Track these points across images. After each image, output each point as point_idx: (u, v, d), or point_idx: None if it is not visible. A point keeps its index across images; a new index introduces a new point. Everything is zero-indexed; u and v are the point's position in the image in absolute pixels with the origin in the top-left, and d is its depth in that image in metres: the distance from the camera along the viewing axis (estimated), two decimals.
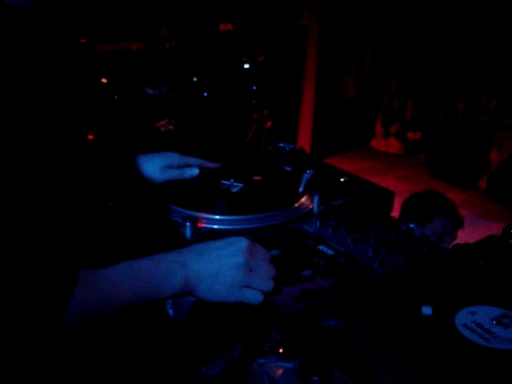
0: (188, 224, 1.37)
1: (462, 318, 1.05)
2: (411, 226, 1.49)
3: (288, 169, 1.75)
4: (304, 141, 6.63)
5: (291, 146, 1.89)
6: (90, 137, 1.77)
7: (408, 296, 1.11)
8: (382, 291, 1.12)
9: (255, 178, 1.66)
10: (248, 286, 1.10)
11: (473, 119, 6.98)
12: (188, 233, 1.37)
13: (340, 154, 7.33)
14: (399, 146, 7.81)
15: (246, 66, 5.39)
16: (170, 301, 1.32)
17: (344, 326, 1.03)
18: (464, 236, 3.08)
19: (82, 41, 4.21)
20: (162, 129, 2.15)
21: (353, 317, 1.05)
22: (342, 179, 1.74)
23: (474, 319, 1.04)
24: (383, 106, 8.12)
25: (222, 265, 1.11)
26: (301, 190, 1.57)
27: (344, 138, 7.50)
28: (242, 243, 1.14)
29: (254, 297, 1.10)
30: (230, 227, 1.43)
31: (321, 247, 1.32)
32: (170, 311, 1.34)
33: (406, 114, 7.94)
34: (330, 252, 1.30)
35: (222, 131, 3.97)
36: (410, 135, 7.82)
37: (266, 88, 5.41)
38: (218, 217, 1.44)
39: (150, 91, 2.67)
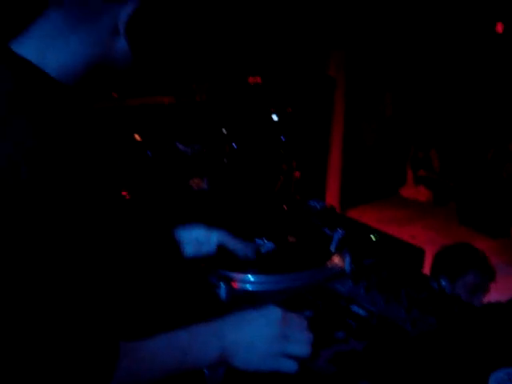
0: (223, 285, 1.40)
1: (498, 379, 1.06)
2: (442, 283, 1.51)
3: (323, 229, 1.78)
4: (332, 190, 6.67)
5: (322, 205, 1.93)
6: (124, 193, 1.82)
7: (440, 357, 1.13)
8: (414, 353, 1.14)
9: (289, 239, 1.70)
10: (284, 355, 1.13)
11: (501, 166, 6.98)
12: (223, 294, 1.40)
13: (369, 202, 7.35)
14: (428, 194, 7.81)
15: (275, 117, 5.47)
16: None
17: None
18: (496, 286, 3.07)
19: (114, 95, 4.33)
20: (195, 187, 2.20)
21: (386, 379, 1.07)
22: (372, 237, 1.77)
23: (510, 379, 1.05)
24: (411, 153, 8.16)
25: (257, 336, 1.14)
26: (333, 249, 1.60)
27: (373, 187, 7.52)
28: (276, 314, 1.17)
29: (289, 366, 1.12)
30: (264, 288, 1.46)
31: (353, 308, 1.34)
32: (206, 371, 1.37)
33: (433, 162, 7.97)
34: (362, 313, 1.32)
35: (252, 183, 4.03)
36: (438, 182, 7.85)
37: (294, 139, 5.48)
38: (251, 277, 1.48)
39: (182, 147, 2.74)
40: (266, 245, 1.65)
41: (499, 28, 7.02)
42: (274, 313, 1.17)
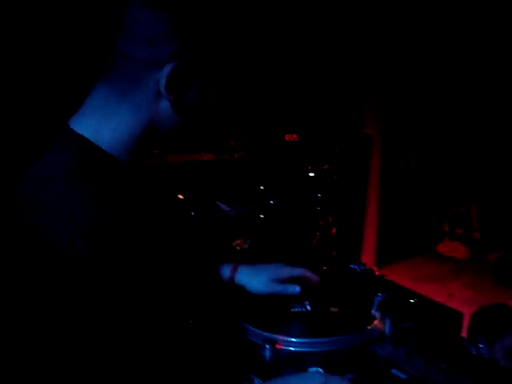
0: (268, 347, 1.46)
1: None
2: (480, 346, 1.55)
3: (364, 292, 1.84)
4: (369, 247, 6.67)
5: (362, 268, 1.98)
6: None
7: None
8: None
9: (332, 309, 1.75)
10: None
11: None
12: (267, 355, 1.46)
13: (406, 259, 7.33)
14: (465, 251, 7.76)
15: (311, 174, 5.54)
16: None
17: None
18: None
19: (156, 151, 4.45)
20: (238, 248, 2.27)
21: None
22: (411, 300, 1.81)
23: None
24: (452, 211, 8.13)
25: None
26: (373, 312, 1.66)
27: (409, 243, 7.50)
28: (318, 380, 1.23)
29: None
30: (306, 349, 1.52)
31: (394, 371, 1.39)
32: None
33: (472, 219, 7.93)
34: (402, 376, 1.37)
35: (289, 240, 4.08)
36: (476, 235, 7.79)
37: (330, 195, 5.53)
38: (294, 339, 1.54)
39: (224, 207, 2.82)
40: (309, 308, 1.72)
41: None
42: (316, 378, 1.23)
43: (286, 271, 1.73)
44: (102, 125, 1.19)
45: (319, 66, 5.95)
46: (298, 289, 1.70)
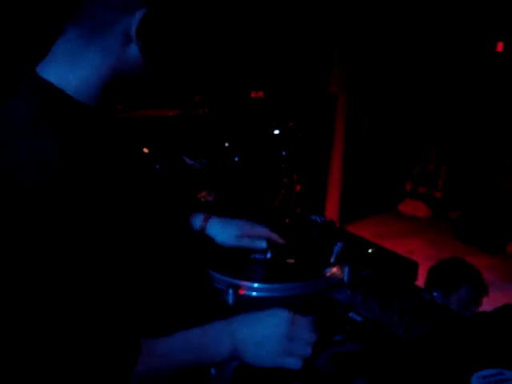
0: (231, 291, 1.51)
1: (479, 378, 1.18)
2: (434, 294, 1.63)
3: (323, 242, 1.90)
4: (332, 205, 6.77)
5: (322, 219, 2.04)
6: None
7: (429, 359, 1.24)
8: (405, 355, 1.26)
9: (289, 261, 1.81)
10: (290, 353, 1.24)
11: (498, 183, 7.10)
12: (230, 299, 1.52)
13: (368, 216, 7.45)
14: (427, 211, 7.90)
15: (276, 131, 5.57)
16: None
17: None
18: (491, 301, 3.18)
19: (118, 107, 4.43)
20: (203, 199, 2.32)
21: (380, 378, 1.19)
22: (369, 250, 1.88)
23: (489, 381, 1.17)
24: (415, 170, 8.23)
25: (266, 335, 1.25)
26: (332, 260, 1.72)
27: (372, 202, 7.63)
28: (284, 315, 1.28)
29: (294, 363, 1.23)
30: (268, 294, 1.58)
31: (351, 314, 1.46)
32: (212, 370, 1.47)
33: (439, 179, 8.05)
34: (359, 319, 1.44)
35: (254, 196, 4.13)
36: (438, 194, 7.94)
37: (295, 153, 5.57)
38: (256, 285, 1.59)
39: (189, 161, 2.85)
40: (270, 255, 1.77)
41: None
42: (282, 314, 1.29)
43: (255, 230, 1.78)
44: (69, 69, 1.20)
45: (287, 23, 5.94)
46: (264, 244, 1.75)
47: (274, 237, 1.79)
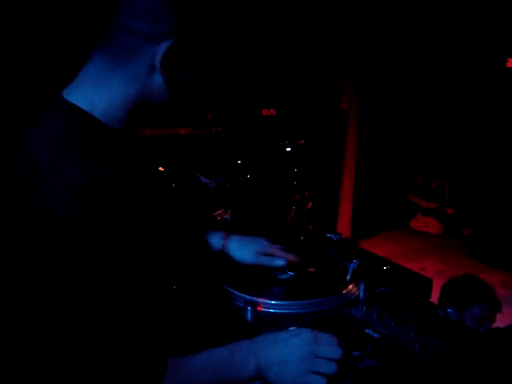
0: (249, 308, 1.55)
1: None
2: (449, 310, 1.66)
3: (339, 259, 1.93)
4: (344, 220, 6.80)
5: (338, 237, 2.08)
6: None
7: (444, 374, 1.27)
8: (421, 370, 1.29)
9: (310, 269, 1.85)
10: (314, 371, 1.27)
11: (509, 199, 7.09)
12: (249, 316, 1.55)
13: (380, 233, 7.46)
14: (438, 227, 7.90)
15: (288, 149, 5.62)
16: None
17: None
18: (506, 318, 3.19)
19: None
20: (219, 218, 2.36)
21: None
22: (384, 267, 1.92)
23: None
24: (419, 183, 8.23)
25: (290, 354, 1.28)
26: (348, 278, 1.75)
27: (384, 218, 7.64)
28: (307, 334, 1.31)
29: (318, 382, 1.26)
30: (286, 311, 1.61)
31: (367, 331, 1.49)
32: None
33: (445, 193, 8.06)
34: (375, 335, 1.47)
35: (266, 214, 4.16)
36: (450, 211, 7.93)
37: (306, 170, 5.61)
38: (274, 302, 1.63)
39: (204, 180, 2.89)
40: (288, 273, 1.81)
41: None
42: (304, 333, 1.32)
43: (270, 246, 1.82)
44: (95, 94, 1.24)
45: (298, 42, 5.99)
46: (282, 262, 1.79)
47: (292, 258, 1.82)
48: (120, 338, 1.12)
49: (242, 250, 1.79)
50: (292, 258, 1.82)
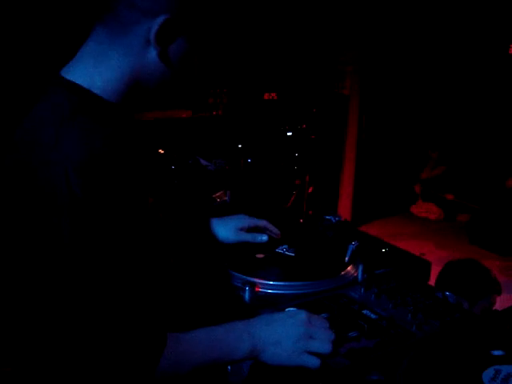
0: (247, 288, 1.55)
1: (489, 374, 1.21)
2: (446, 293, 1.66)
3: (338, 241, 1.93)
4: (345, 206, 6.79)
5: (337, 219, 2.08)
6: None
7: (441, 355, 1.27)
8: (418, 351, 1.29)
9: (308, 249, 1.84)
10: (308, 351, 1.28)
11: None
12: (247, 296, 1.55)
13: (380, 218, 7.45)
14: (439, 212, 7.89)
15: (289, 133, 5.60)
16: None
17: (385, 380, 1.20)
18: (504, 303, 3.19)
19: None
20: (218, 200, 2.35)
21: (393, 372, 1.22)
22: (383, 250, 1.91)
23: (499, 376, 1.20)
24: (425, 172, 8.24)
25: (285, 334, 1.29)
26: (347, 259, 1.75)
27: (384, 204, 7.62)
28: (302, 315, 1.33)
29: (312, 361, 1.27)
30: (283, 292, 1.61)
31: (365, 311, 1.49)
32: (229, 367, 1.51)
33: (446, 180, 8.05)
34: (373, 316, 1.47)
35: (267, 197, 4.16)
36: (450, 196, 7.92)
37: (307, 155, 5.60)
38: (272, 282, 1.63)
39: (204, 162, 2.89)
40: (287, 253, 1.81)
41: None
42: (300, 314, 1.33)
43: (250, 220, 1.83)
44: (94, 70, 1.24)
45: (300, 25, 5.96)
46: (265, 237, 1.80)
47: (272, 229, 1.82)
48: (123, 310, 1.13)
49: (225, 228, 1.80)
50: (273, 228, 1.82)
